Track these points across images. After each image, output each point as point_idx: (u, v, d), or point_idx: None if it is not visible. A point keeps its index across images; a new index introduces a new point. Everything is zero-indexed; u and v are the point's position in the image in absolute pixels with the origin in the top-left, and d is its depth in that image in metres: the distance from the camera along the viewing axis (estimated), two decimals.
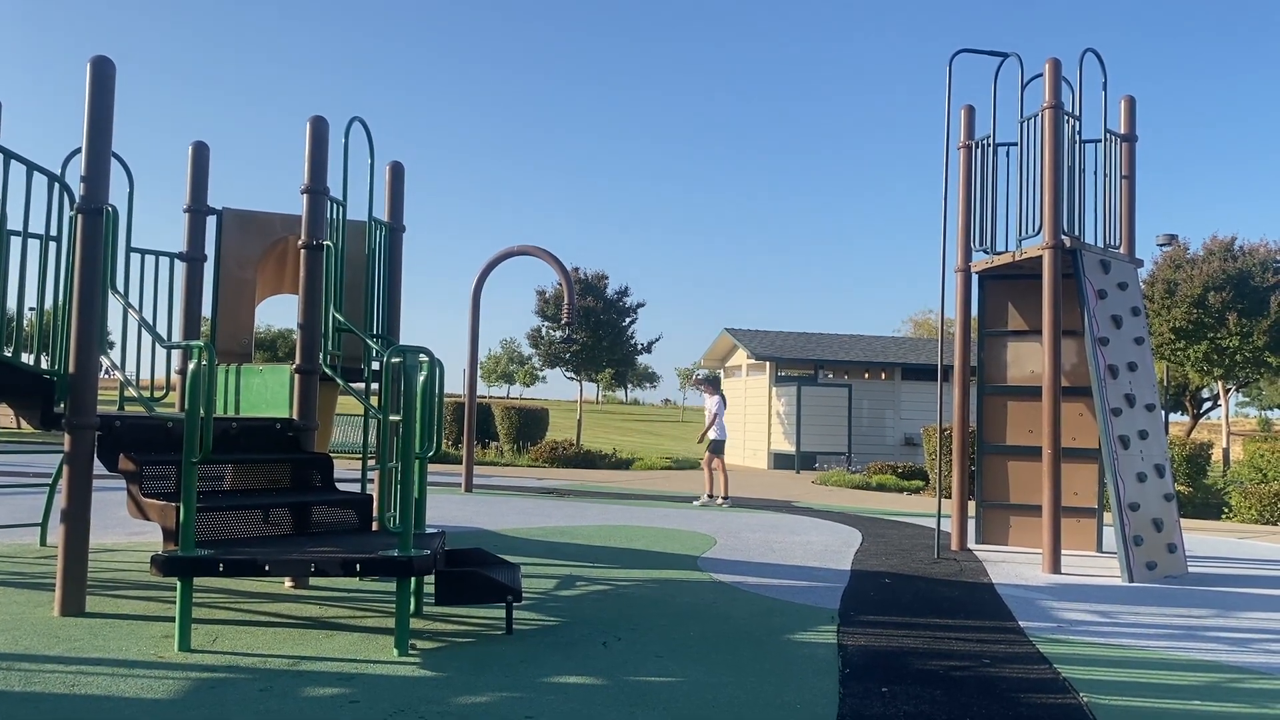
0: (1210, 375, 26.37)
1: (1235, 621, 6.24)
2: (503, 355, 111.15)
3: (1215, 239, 25.63)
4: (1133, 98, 9.20)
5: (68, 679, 4.01)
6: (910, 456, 24.23)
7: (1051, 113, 8.40)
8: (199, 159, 7.39)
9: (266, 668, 4.29)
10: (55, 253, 5.59)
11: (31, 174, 5.39)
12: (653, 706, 3.90)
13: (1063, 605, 6.55)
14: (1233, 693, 4.47)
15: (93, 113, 5.36)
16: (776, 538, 9.76)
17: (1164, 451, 8.58)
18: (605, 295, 28.99)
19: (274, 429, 6.25)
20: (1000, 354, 9.82)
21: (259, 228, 7.62)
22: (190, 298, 7.38)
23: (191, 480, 4.62)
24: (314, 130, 6.36)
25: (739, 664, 4.64)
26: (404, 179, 7.72)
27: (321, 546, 5.03)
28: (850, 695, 4.15)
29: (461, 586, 5.18)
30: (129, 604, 5.51)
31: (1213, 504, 15.48)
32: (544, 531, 9.59)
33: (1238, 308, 23.73)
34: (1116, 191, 9.08)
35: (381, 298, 7.36)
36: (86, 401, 5.29)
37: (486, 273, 15.00)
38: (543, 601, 6.04)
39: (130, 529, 8.39)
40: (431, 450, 5.14)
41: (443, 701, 3.88)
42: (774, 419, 26.13)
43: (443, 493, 13.33)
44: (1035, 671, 4.69)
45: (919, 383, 26.75)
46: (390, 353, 5.37)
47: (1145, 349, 8.73)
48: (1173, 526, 8.31)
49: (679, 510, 12.40)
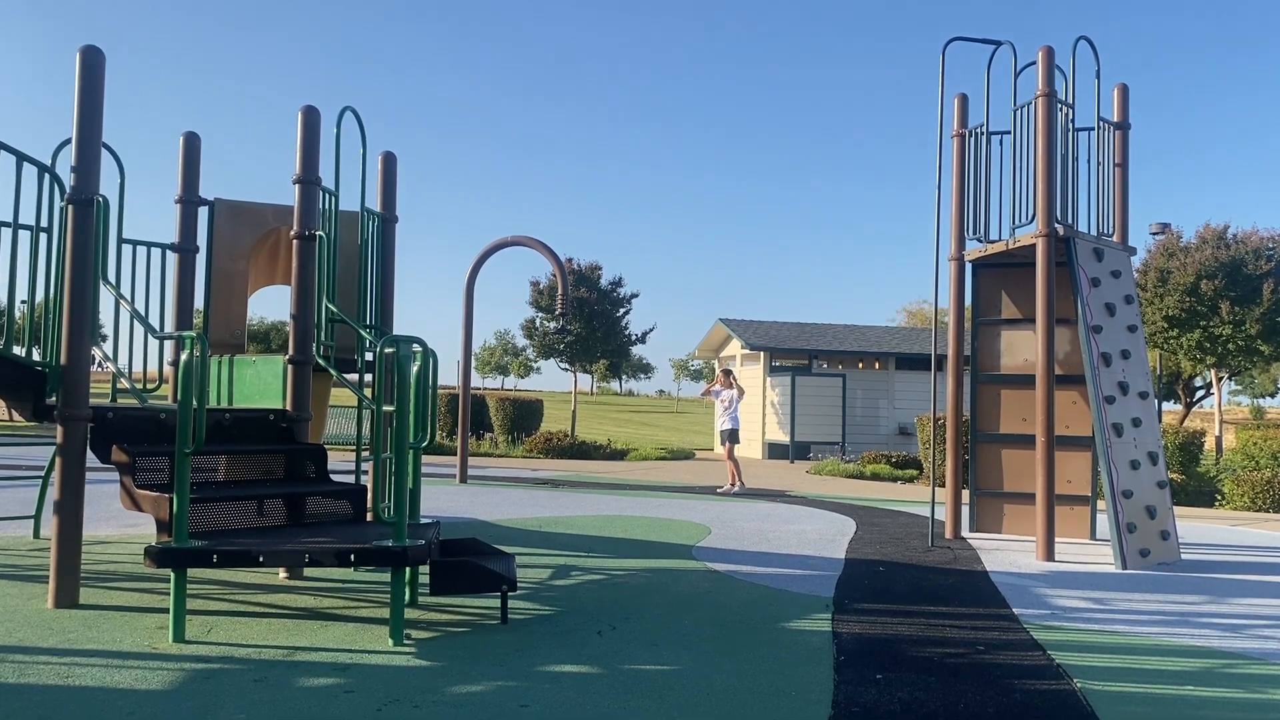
0: (1203, 363, 26.43)
1: (1228, 607, 6.26)
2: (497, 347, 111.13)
3: (1208, 227, 25.65)
4: (1126, 85, 9.21)
5: (62, 670, 4.00)
6: (904, 446, 24.29)
7: (1044, 101, 8.40)
8: (190, 149, 7.35)
9: (261, 658, 4.28)
10: (46, 244, 5.56)
11: (21, 164, 5.35)
12: (647, 695, 3.91)
13: (1056, 592, 6.57)
14: (1226, 678, 4.49)
15: (82, 102, 5.33)
16: (771, 527, 9.78)
17: (1157, 439, 8.61)
18: (599, 286, 28.95)
19: (267, 420, 6.24)
20: (994, 342, 9.84)
21: (251, 218, 7.59)
22: (182, 289, 7.36)
23: (185, 471, 4.61)
24: (305, 120, 6.32)
25: (734, 652, 4.65)
26: (396, 169, 7.69)
27: (316, 537, 5.02)
28: (845, 682, 4.16)
29: (456, 576, 5.17)
30: (123, 596, 5.50)
31: (1206, 492, 15.54)
32: (539, 522, 9.59)
33: (1230, 296, 23.77)
34: (1110, 179, 9.09)
35: (375, 288, 7.33)
36: (79, 393, 5.27)
37: (480, 263, 14.97)
38: (538, 591, 6.04)
39: (124, 521, 8.38)
40: (425, 440, 5.13)
41: (438, 691, 3.88)
42: (768, 409, 26.16)
43: (438, 484, 13.33)
44: (1029, 658, 4.70)
45: (913, 372, 26.82)
46: (384, 343, 5.35)
47: (1138, 337, 8.75)
48: (1166, 514, 8.34)
49: (674, 500, 12.41)
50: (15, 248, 5.39)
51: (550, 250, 14.79)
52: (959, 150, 9.59)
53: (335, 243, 6.66)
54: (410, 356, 4.93)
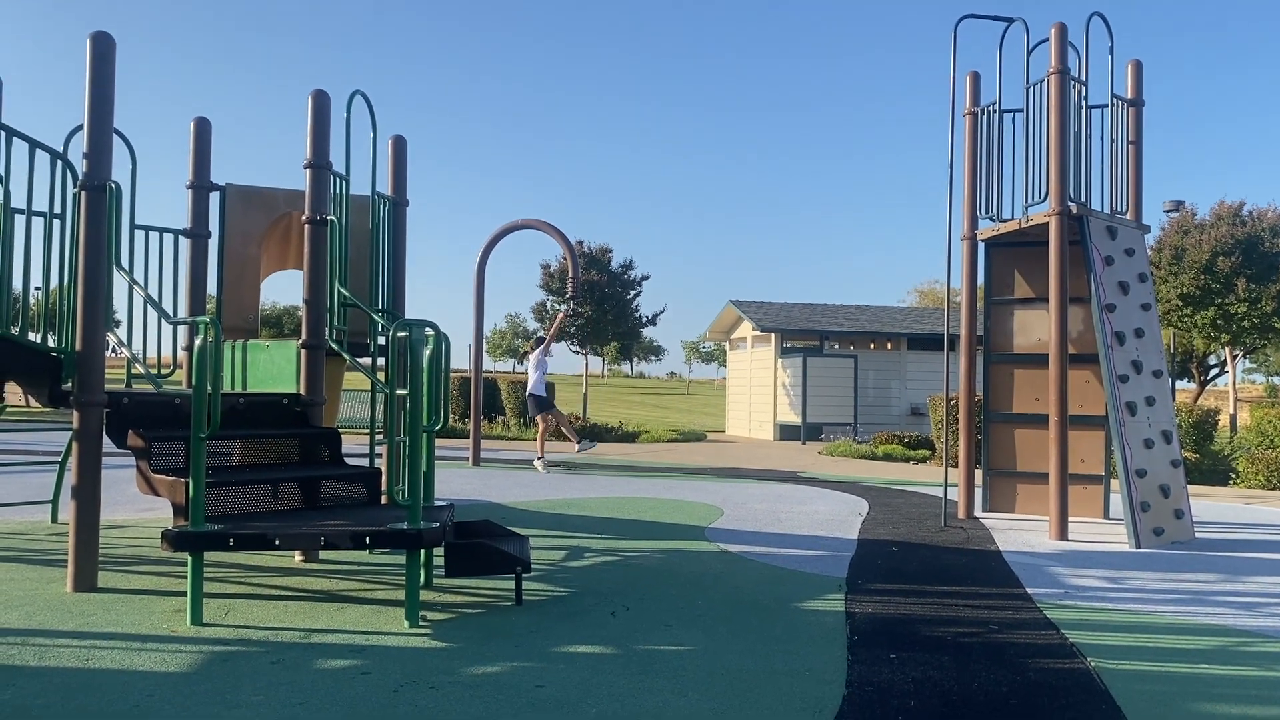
0: (1217, 341, 26.29)
1: (1242, 586, 6.25)
2: (508, 330, 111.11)
3: (1223, 204, 25.47)
4: (1139, 62, 9.12)
5: (82, 653, 4.04)
6: (916, 426, 24.23)
7: (1057, 78, 8.33)
8: (201, 135, 7.36)
9: (278, 640, 4.32)
10: (59, 230, 5.58)
11: (34, 151, 5.37)
12: (661, 675, 3.93)
13: (1070, 571, 6.57)
14: (1240, 656, 4.48)
15: (94, 89, 5.34)
16: (783, 508, 9.79)
17: (1171, 418, 8.57)
18: (610, 269, 28.95)
19: (281, 404, 6.27)
20: (1006, 322, 9.80)
21: (262, 203, 7.60)
22: (195, 274, 7.39)
23: (200, 455, 4.64)
24: (316, 104, 6.32)
25: (747, 632, 4.66)
26: (406, 153, 7.69)
27: (331, 520, 5.06)
28: (858, 662, 4.17)
29: (471, 558, 5.20)
30: (141, 579, 5.55)
31: (1220, 470, 15.47)
32: (551, 504, 9.62)
33: (1246, 273, 23.62)
34: (1123, 157, 9.01)
35: (386, 272, 7.34)
36: (94, 379, 5.31)
37: (490, 247, 14.97)
38: (551, 572, 6.07)
39: (140, 505, 8.44)
40: (439, 423, 5.14)
41: (453, 672, 3.91)
42: (780, 390, 26.12)
43: (451, 467, 13.38)
44: (1043, 637, 4.70)
45: (925, 352, 26.71)
46: (396, 326, 5.36)
47: (1152, 315, 8.70)
48: (1180, 492, 8.32)
49: (686, 482, 12.43)
50: (29, 234, 5.42)
51: (560, 233, 14.77)
52: (971, 129, 9.53)
53: (346, 227, 6.66)
54: (423, 340, 4.94)
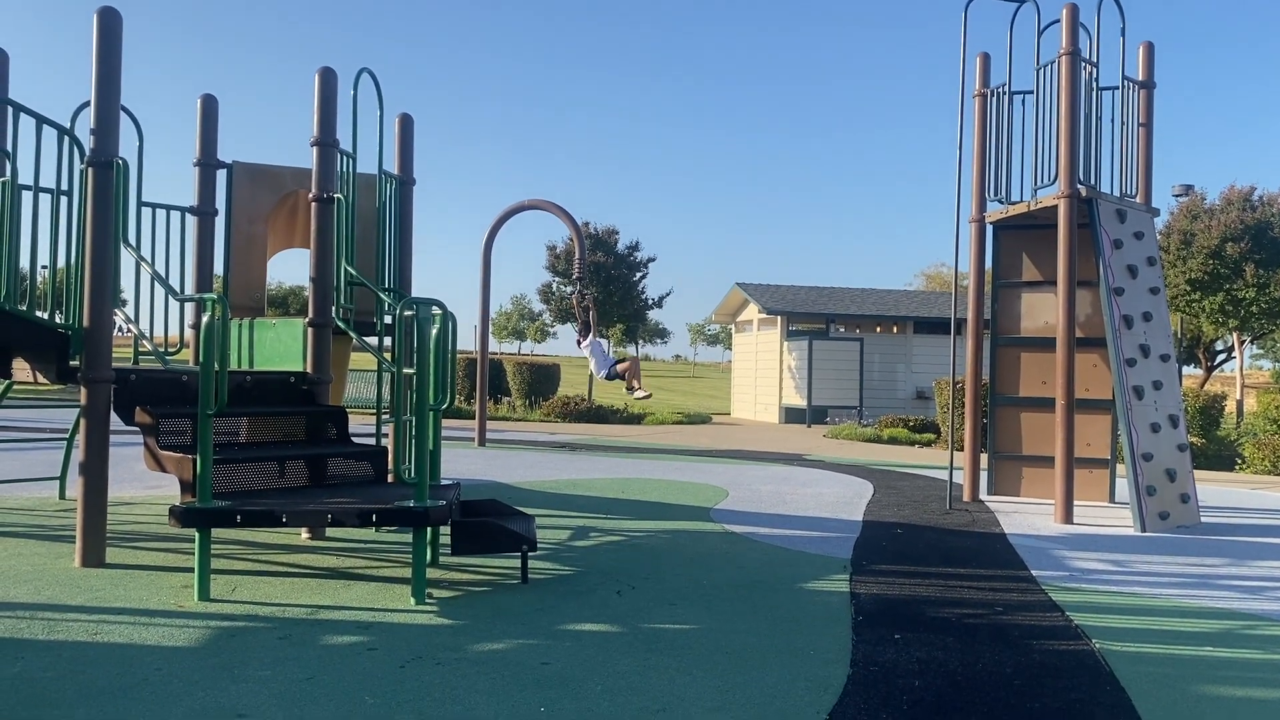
0: (1225, 327, 26.20)
1: (1247, 570, 6.25)
2: (514, 311, 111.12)
3: (1233, 189, 25.32)
4: (1151, 44, 9.04)
5: (90, 628, 4.07)
6: (922, 410, 24.22)
7: (1068, 59, 8.26)
8: (208, 112, 7.35)
9: (285, 616, 4.34)
10: (66, 207, 5.58)
11: (41, 127, 5.36)
12: (666, 653, 3.94)
13: (1075, 554, 6.57)
14: (1244, 639, 4.49)
15: (101, 65, 5.32)
16: (788, 490, 9.80)
17: (1178, 402, 8.55)
18: (616, 250, 28.90)
19: (288, 382, 6.28)
20: (1014, 305, 9.76)
21: (269, 181, 7.59)
22: (202, 252, 7.39)
23: (207, 432, 4.65)
24: (323, 82, 6.30)
25: (752, 612, 4.67)
26: (413, 131, 7.66)
27: (338, 498, 5.07)
28: (863, 642, 4.18)
29: (477, 536, 5.21)
30: (148, 555, 5.58)
31: (1226, 455, 15.45)
32: (557, 484, 9.65)
33: (1255, 258, 23.50)
34: (1134, 140, 8.96)
35: (393, 251, 7.34)
36: (101, 355, 5.32)
37: (497, 228, 14.94)
38: (557, 551, 6.08)
39: (147, 482, 8.47)
40: (445, 402, 5.14)
41: (459, 649, 3.93)
42: (785, 373, 26.12)
43: (457, 447, 13.40)
44: (1048, 619, 4.71)
45: (931, 336, 26.67)
46: (403, 305, 5.35)
47: (1160, 299, 8.67)
48: (1186, 477, 8.31)
49: (691, 463, 12.45)
50: (36, 211, 5.41)
51: (567, 214, 14.72)
52: (980, 110, 9.46)
53: (353, 205, 6.65)
54: (430, 319, 4.94)
